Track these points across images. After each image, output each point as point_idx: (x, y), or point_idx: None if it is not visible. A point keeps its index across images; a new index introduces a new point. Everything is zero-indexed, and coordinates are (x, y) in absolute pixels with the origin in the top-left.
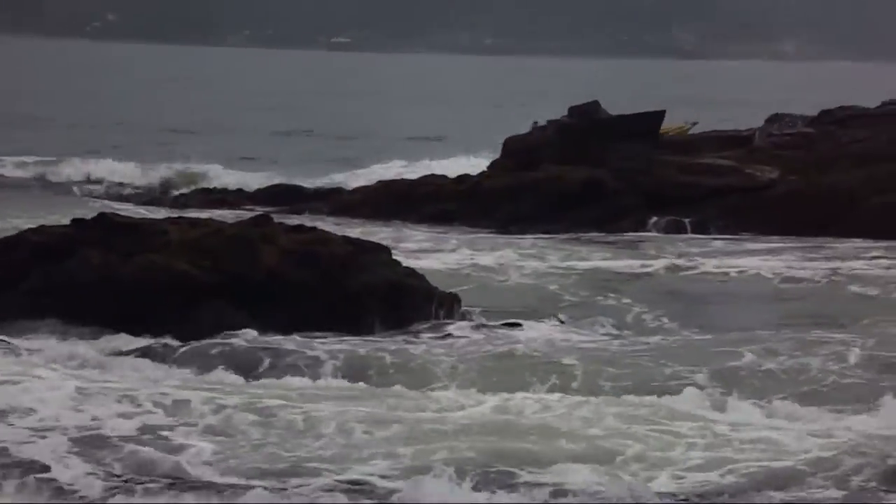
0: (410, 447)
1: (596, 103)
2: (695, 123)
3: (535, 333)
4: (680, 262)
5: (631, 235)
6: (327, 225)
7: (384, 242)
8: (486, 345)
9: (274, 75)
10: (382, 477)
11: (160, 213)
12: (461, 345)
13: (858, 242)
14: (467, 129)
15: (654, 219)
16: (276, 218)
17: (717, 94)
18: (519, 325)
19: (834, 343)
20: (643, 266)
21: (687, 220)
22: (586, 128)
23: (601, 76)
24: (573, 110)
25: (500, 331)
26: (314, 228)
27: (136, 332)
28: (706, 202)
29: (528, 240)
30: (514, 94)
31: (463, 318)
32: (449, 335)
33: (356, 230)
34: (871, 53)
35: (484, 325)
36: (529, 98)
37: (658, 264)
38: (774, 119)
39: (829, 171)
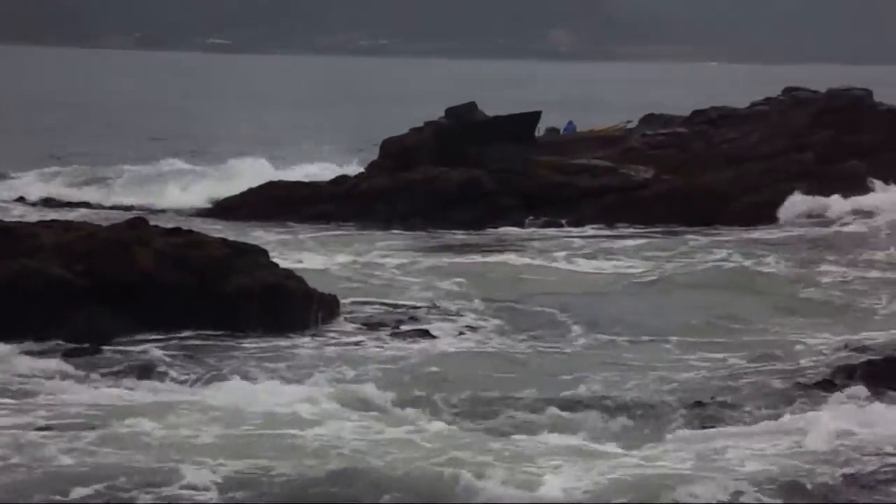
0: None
1: (473, 105)
2: (629, 121)
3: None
4: (537, 261)
5: (506, 235)
6: (206, 227)
7: (262, 244)
8: (359, 349)
9: (150, 77)
10: None
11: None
12: (331, 347)
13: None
14: (343, 129)
15: (531, 218)
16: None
17: (593, 95)
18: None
19: None
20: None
21: (563, 220)
22: (463, 129)
23: (479, 78)
24: (450, 112)
25: (377, 332)
26: (190, 231)
27: (8, 337)
28: (583, 202)
29: (405, 240)
30: (392, 96)
31: (343, 319)
32: (322, 336)
33: (234, 232)
34: (741, 55)
35: (363, 327)
36: (407, 99)
37: (519, 262)
38: (649, 119)
39: (701, 170)
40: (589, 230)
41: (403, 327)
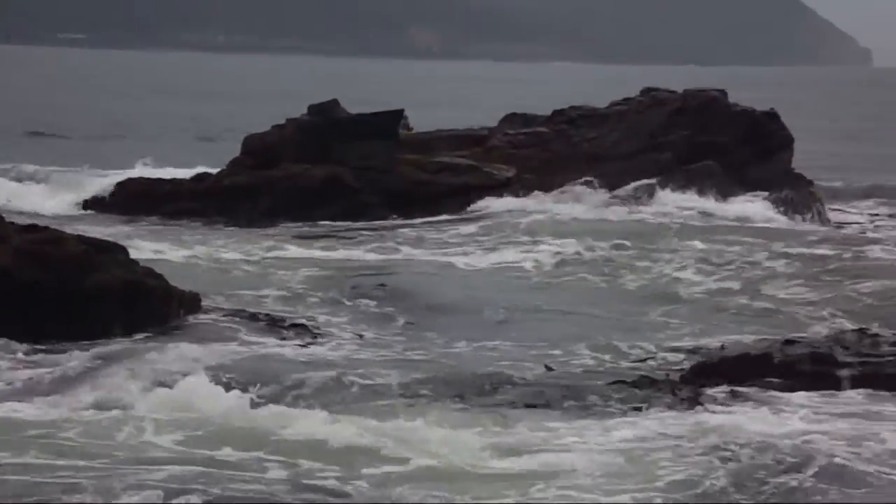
0: None
1: (335, 102)
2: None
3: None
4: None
5: (368, 230)
6: (64, 224)
7: (122, 241)
8: (220, 346)
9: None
10: None
11: None
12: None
13: None
14: (204, 124)
15: (394, 216)
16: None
17: (456, 93)
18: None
19: None
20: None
21: (425, 217)
22: (326, 126)
23: (342, 75)
24: (312, 109)
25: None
26: (47, 228)
27: None
28: (445, 200)
29: (267, 237)
30: (254, 93)
31: (205, 315)
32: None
33: (94, 229)
34: (599, 55)
35: (223, 324)
36: (269, 96)
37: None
38: (511, 118)
39: (562, 169)
40: (451, 226)
41: (263, 323)
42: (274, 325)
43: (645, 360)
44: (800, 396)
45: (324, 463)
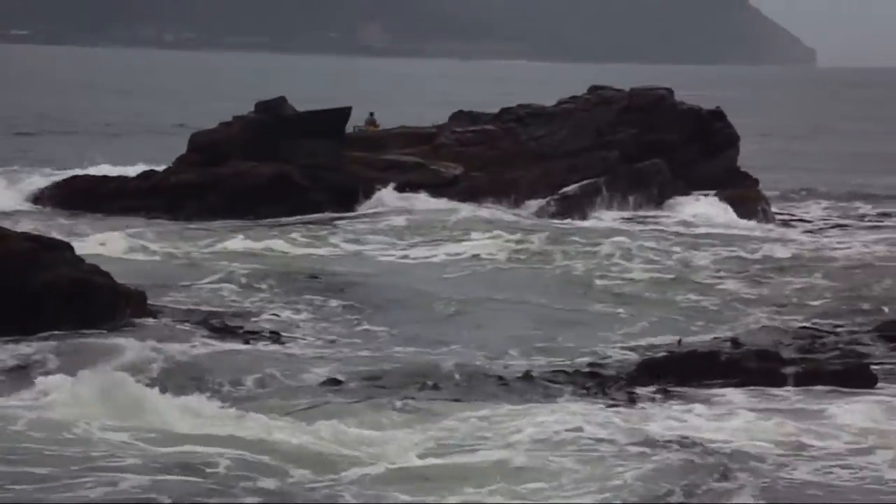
0: None
1: (282, 99)
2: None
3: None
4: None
5: (314, 226)
6: (4, 220)
7: (67, 239)
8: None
9: None
10: None
11: None
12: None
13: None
14: (154, 120)
15: (342, 212)
16: None
17: (405, 91)
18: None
19: None
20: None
21: (373, 213)
22: (273, 124)
23: (288, 72)
24: (260, 106)
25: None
26: None
27: None
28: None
29: (213, 233)
30: (203, 90)
31: (151, 315)
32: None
33: (38, 226)
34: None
35: (169, 322)
36: (217, 93)
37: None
38: (459, 116)
39: (510, 167)
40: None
41: (212, 321)
42: (216, 322)
43: (590, 357)
44: (742, 394)
45: (270, 461)
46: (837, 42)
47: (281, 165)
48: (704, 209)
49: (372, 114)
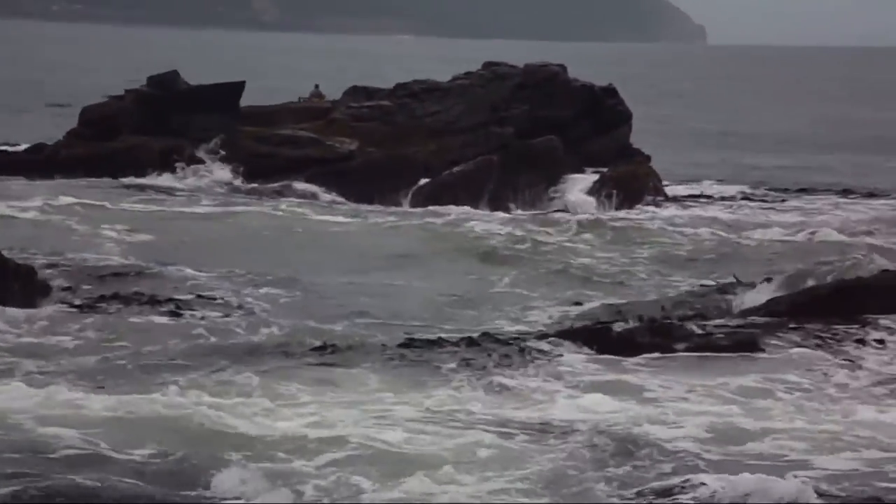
0: None
1: (175, 73)
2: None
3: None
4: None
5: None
6: None
7: None
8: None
9: None
10: None
11: None
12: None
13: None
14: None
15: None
16: None
17: (297, 66)
18: None
19: None
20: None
21: (270, 188)
22: (166, 98)
23: (179, 46)
24: (152, 80)
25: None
26: None
27: None
28: (287, 172)
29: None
30: (93, 63)
31: (43, 292)
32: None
33: None
34: (437, 29)
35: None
36: (107, 67)
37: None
38: (353, 91)
39: (405, 142)
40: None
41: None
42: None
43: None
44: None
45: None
46: (727, 19)
47: (174, 140)
48: (581, 200)
49: (317, 86)
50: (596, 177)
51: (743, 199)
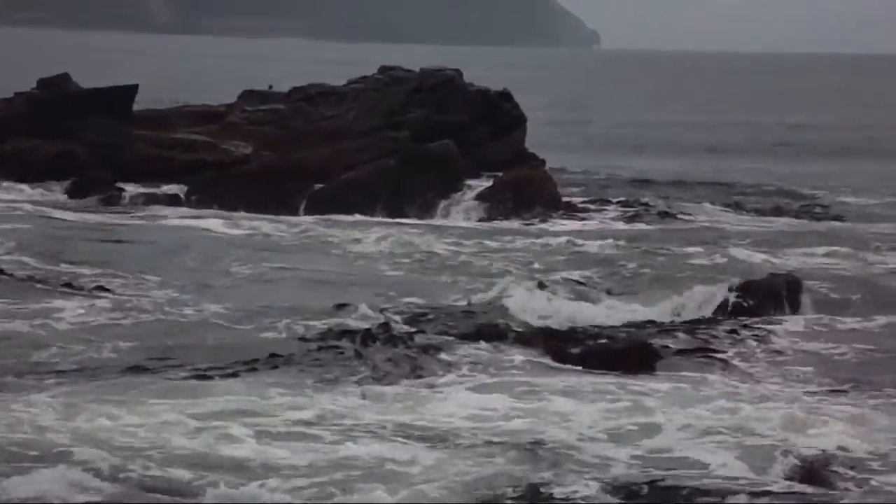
0: None
1: (66, 76)
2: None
3: None
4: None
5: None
6: None
7: None
8: None
9: None
10: None
11: None
12: None
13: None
14: None
15: (129, 192)
16: None
17: (192, 68)
18: None
19: None
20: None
21: (160, 193)
22: (57, 100)
23: (71, 48)
24: (42, 83)
25: None
26: None
27: None
28: (182, 177)
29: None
30: None
31: None
32: None
33: None
34: (332, 33)
35: None
36: None
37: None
38: (248, 95)
39: (301, 146)
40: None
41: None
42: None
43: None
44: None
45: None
46: (620, 25)
47: (65, 143)
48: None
49: (271, 86)
50: (490, 182)
51: (640, 206)
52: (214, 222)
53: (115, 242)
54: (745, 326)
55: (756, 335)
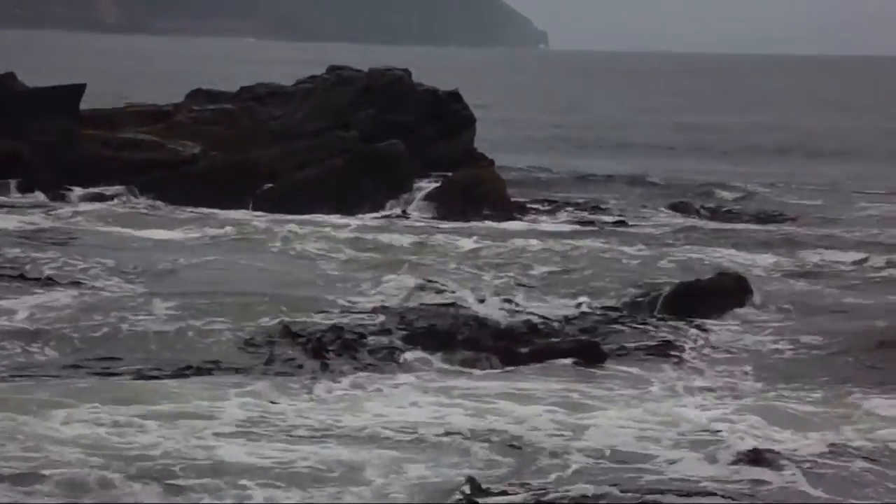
0: None
1: (11, 75)
2: None
3: None
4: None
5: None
6: None
7: None
8: None
9: None
10: None
11: None
12: None
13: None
14: None
15: (77, 192)
16: None
17: (142, 68)
18: None
19: None
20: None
21: (111, 193)
22: (3, 100)
23: (17, 47)
24: None
25: None
26: None
27: None
28: (130, 176)
29: None
30: None
31: None
32: None
33: None
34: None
35: None
36: None
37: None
38: (196, 95)
39: (249, 146)
40: (142, 201)
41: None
42: None
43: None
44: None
45: None
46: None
47: (10, 143)
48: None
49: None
50: (440, 182)
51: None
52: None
53: (60, 244)
54: (690, 325)
55: (701, 333)
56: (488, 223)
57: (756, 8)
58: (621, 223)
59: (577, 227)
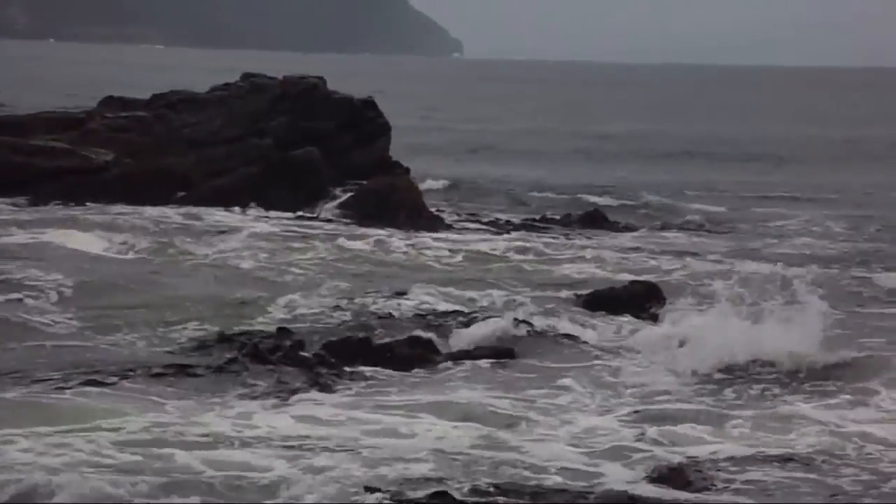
0: None
1: None
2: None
3: None
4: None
5: None
6: None
7: None
8: None
9: None
10: None
11: None
12: None
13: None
14: None
15: None
16: None
17: (50, 74)
18: None
19: None
20: None
21: (23, 201)
22: None
23: None
24: None
25: None
26: None
27: None
28: (41, 184)
29: None
30: None
31: None
32: None
33: None
34: (188, 39)
35: None
36: None
37: None
38: (109, 102)
39: (163, 153)
40: (55, 209)
41: None
42: None
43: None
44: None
45: None
46: (483, 33)
47: None
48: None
49: None
50: (355, 190)
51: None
52: (75, 230)
53: None
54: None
55: (615, 341)
56: (403, 231)
57: (656, 17)
58: (533, 228)
59: (495, 235)
